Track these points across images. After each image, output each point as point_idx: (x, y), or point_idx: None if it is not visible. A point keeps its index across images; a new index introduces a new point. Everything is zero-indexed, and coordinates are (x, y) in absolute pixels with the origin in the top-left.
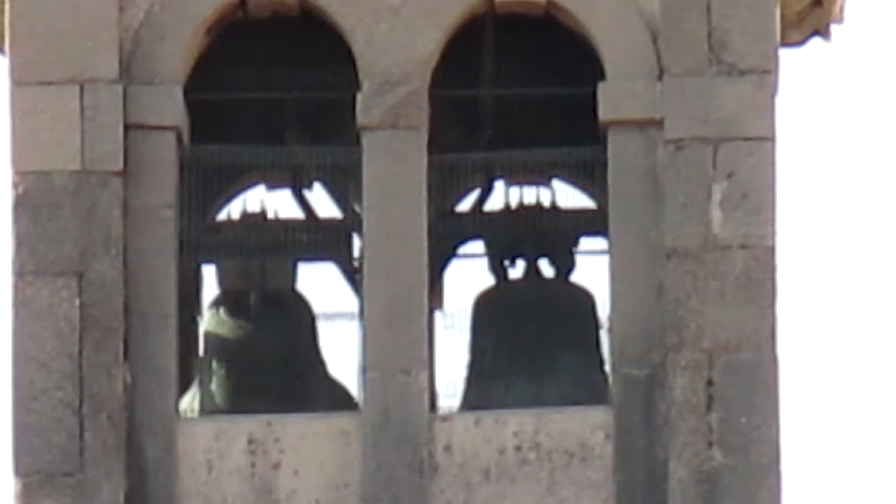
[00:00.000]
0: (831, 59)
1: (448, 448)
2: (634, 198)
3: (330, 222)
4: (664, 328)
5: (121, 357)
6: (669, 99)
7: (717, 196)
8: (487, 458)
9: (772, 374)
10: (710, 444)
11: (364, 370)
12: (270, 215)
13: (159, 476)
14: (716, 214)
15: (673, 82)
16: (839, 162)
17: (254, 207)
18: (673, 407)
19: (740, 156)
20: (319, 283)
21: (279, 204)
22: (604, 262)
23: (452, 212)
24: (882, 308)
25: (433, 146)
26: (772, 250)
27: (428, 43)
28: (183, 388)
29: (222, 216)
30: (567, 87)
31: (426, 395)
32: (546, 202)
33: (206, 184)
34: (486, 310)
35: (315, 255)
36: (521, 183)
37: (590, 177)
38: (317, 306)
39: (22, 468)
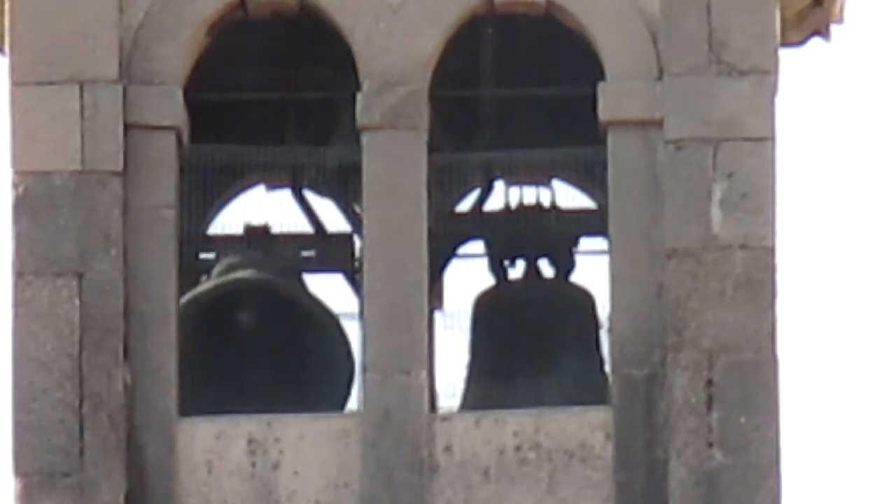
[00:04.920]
0: (831, 59)
1: (448, 448)
2: (634, 198)
3: (335, 237)
4: (664, 328)
5: (121, 357)
6: (669, 99)
7: (717, 196)
8: (487, 458)
9: (772, 374)
10: (710, 444)
11: (364, 370)
12: (275, 230)
13: (159, 476)
14: (716, 214)
15: (673, 82)
16: (839, 162)
17: (256, 221)
18: (673, 407)
19: (740, 156)
20: (319, 284)
21: (279, 204)
22: (604, 262)
23: (452, 212)
24: (882, 308)
25: (433, 146)
26: (772, 250)
27: (428, 43)
28: (183, 388)
29: (222, 228)
30: (567, 87)
31: (426, 395)
32: (546, 202)
33: (206, 184)
34: (486, 310)
35: (319, 266)
36: (521, 183)
37: (590, 177)
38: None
39: (22, 468)
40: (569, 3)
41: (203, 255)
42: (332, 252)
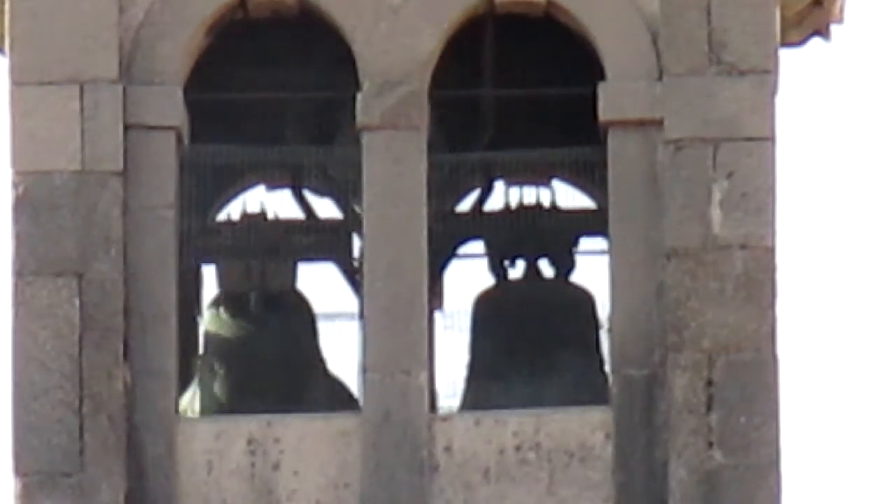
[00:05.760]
0: (831, 59)
1: (448, 448)
2: (634, 198)
3: (330, 222)
4: (664, 328)
5: (121, 357)
6: (669, 99)
7: (717, 196)
8: (487, 458)
9: (772, 374)
10: (710, 444)
11: (364, 370)
12: (270, 216)
13: (159, 476)
14: (716, 214)
15: (673, 82)
16: (839, 162)
17: (254, 208)
18: (673, 407)
19: (740, 156)
20: (319, 283)
21: (279, 204)
22: (604, 262)
23: (452, 212)
24: (882, 308)
25: (433, 146)
26: (772, 250)
27: (428, 43)
28: (183, 388)
29: (222, 216)
30: (567, 87)
31: (426, 395)
32: (546, 202)
33: (206, 184)
34: (486, 310)
35: (315, 256)
36: (521, 183)
37: (590, 177)
38: (317, 306)
39: (22, 468)
40: (569, 3)
41: (204, 264)
42: (328, 239)
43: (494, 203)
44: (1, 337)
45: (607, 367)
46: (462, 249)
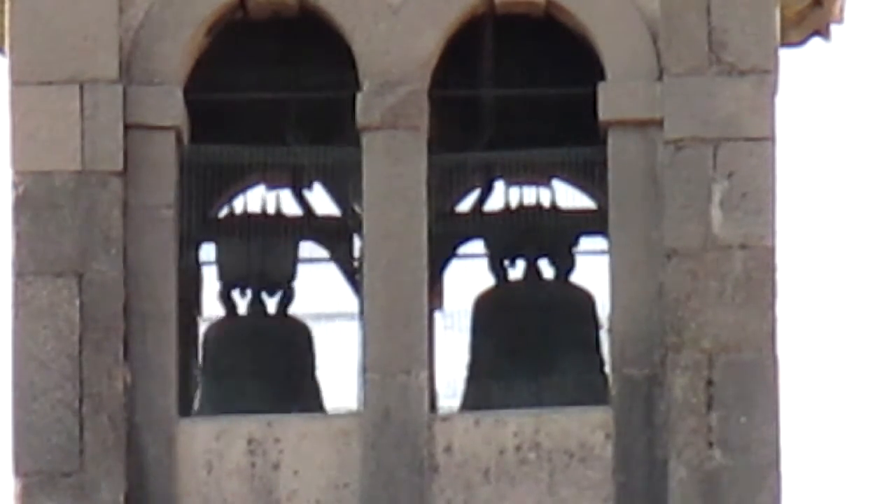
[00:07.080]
0: (831, 59)
1: (448, 448)
2: (634, 198)
3: (330, 220)
4: (664, 328)
5: (121, 357)
6: (669, 99)
7: (717, 196)
8: (487, 458)
9: (772, 374)
10: (710, 444)
11: (364, 370)
12: (271, 211)
13: (159, 476)
14: (716, 214)
15: (673, 82)
16: (839, 162)
17: (254, 207)
18: (673, 407)
19: (740, 156)
20: (319, 283)
21: (279, 202)
22: (604, 262)
23: (452, 212)
24: (882, 308)
25: (433, 146)
26: (772, 250)
27: (428, 43)
28: (183, 388)
29: (224, 213)
30: (567, 87)
31: (426, 395)
32: (546, 202)
33: (206, 184)
34: (486, 310)
35: (315, 256)
36: (521, 183)
37: (590, 177)
38: (317, 306)
39: (22, 468)
40: (569, 3)
41: (203, 258)
42: (328, 238)
43: (494, 203)
44: (1, 337)
45: (607, 368)
46: (462, 249)
